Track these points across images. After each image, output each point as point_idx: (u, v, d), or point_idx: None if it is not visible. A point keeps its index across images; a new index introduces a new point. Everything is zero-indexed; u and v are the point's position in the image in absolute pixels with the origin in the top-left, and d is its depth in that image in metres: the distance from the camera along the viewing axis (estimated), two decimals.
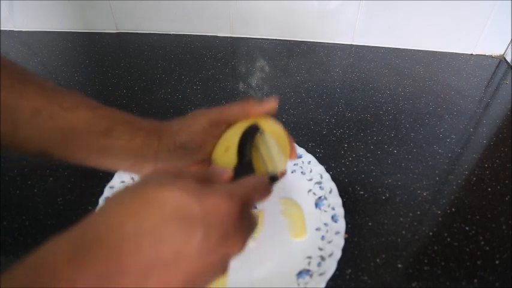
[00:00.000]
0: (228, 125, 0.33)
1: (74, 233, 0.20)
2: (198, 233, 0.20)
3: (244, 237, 0.24)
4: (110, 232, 0.20)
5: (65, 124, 0.30)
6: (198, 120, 0.32)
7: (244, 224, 0.23)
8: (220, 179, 0.26)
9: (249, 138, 0.31)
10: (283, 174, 0.33)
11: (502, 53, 0.80)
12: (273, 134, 0.33)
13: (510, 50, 0.78)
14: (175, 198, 0.21)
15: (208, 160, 0.34)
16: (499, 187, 0.49)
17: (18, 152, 0.30)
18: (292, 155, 0.35)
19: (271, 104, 0.33)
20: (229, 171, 0.26)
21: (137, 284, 0.19)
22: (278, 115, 0.60)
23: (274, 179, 0.31)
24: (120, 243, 0.19)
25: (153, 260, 0.19)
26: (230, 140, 0.32)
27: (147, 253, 0.19)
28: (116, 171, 0.33)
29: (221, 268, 0.23)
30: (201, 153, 0.33)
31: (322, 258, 0.38)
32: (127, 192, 0.22)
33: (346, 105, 0.63)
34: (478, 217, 0.45)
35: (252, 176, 0.27)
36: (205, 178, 0.25)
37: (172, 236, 0.20)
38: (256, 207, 0.44)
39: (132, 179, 0.46)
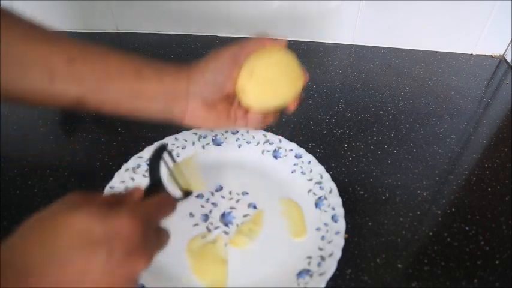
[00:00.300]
0: (248, 55, 0.36)
1: None
2: (100, 254, 0.22)
3: (149, 254, 0.25)
4: (19, 257, 0.22)
5: (99, 68, 0.31)
6: (221, 57, 0.35)
7: (148, 241, 0.25)
8: (131, 199, 0.28)
9: (157, 158, 0.33)
10: (293, 106, 0.38)
11: (502, 53, 0.80)
12: (287, 60, 0.37)
13: (510, 50, 0.78)
14: (80, 223, 0.22)
15: (230, 95, 0.37)
16: (499, 187, 0.49)
17: (54, 104, 0.32)
18: (305, 79, 0.38)
19: (282, 42, 0.37)
20: (140, 191, 0.29)
21: None
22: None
23: (187, 194, 0.34)
24: (27, 268, 0.21)
25: (58, 282, 0.21)
26: (253, 65, 0.36)
27: (53, 277, 0.21)
28: (150, 117, 0.35)
29: (129, 284, 0.24)
30: (228, 85, 0.36)
31: (322, 258, 0.38)
32: (38, 218, 0.24)
33: (346, 105, 0.63)
34: (478, 217, 0.45)
35: (158, 194, 0.29)
36: (115, 201, 0.26)
37: (76, 259, 0.22)
38: (256, 207, 0.44)
39: (132, 179, 0.46)
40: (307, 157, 0.49)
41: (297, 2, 0.75)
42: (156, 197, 0.29)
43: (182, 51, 0.78)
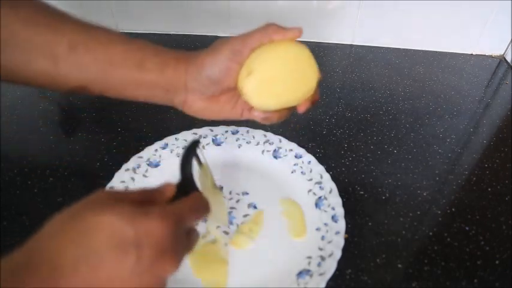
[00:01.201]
0: (252, 50, 0.33)
1: (19, 253, 0.22)
2: (130, 256, 0.22)
3: (179, 256, 0.25)
4: (50, 256, 0.22)
5: (102, 57, 0.31)
6: (221, 50, 0.33)
7: (179, 244, 0.25)
8: (162, 197, 0.27)
9: (189, 155, 0.32)
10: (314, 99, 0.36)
11: (502, 53, 0.80)
12: (296, 55, 0.34)
13: (510, 50, 0.78)
14: (111, 224, 0.22)
15: (234, 88, 0.34)
16: (499, 187, 0.49)
17: (59, 89, 0.33)
18: (318, 77, 0.36)
19: (295, 32, 0.33)
20: (171, 188, 0.28)
21: None
22: None
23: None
24: (59, 267, 0.21)
25: (88, 283, 0.21)
26: (252, 64, 0.33)
27: (83, 277, 0.21)
28: (152, 102, 0.36)
29: (157, 286, 0.24)
30: (227, 81, 0.33)
31: (322, 258, 0.38)
32: (68, 216, 0.23)
33: (346, 105, 0.63)
34: (478, 217, 0.45)
35: (192, 195, 0.28)
36: (146, 199, 0.26)
37: (106, 261, 0.22)
38: (256, 207, 0.44)
39: (132, 179, 0.46)
40: (307, 157, 0.49)
41: (297, 2, 0.75)
42: (189, 198, 0.28)
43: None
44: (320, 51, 0.78)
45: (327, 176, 0.47)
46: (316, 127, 0.58)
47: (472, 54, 0.80)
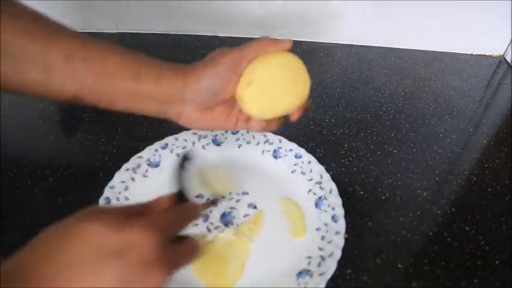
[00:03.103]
0: (249, 62, 0.34)
1: (8, 264, 0.22)
2: (112, 267, 0.22)
3: (168, 267, 0.24)
4: (33, 264, 0.21)
5: (97, 68, 0.31)
6: (220, 61, 0.33)
7: (167, 253, 0.24)
8: (154, 208, 0.27)
9: (182, 167, 0.32)
10: (306, 109, 0.37)
11: (502, 53, 0.80)
12: (291, 66, 0.35)
13: (510, 50, 0.78)
14: (95, 233, 0.22)
15: (229, 99, 0.35)
16: (499, 187, 0.49)
17: (52, 99, 0.33)
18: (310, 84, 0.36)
19: (286, 44, 0.35)
20: (164, 200, 0.28)
21: None
22: None
23: (214, 202, 0.36)
24: (40, 275, 0.21)
25: None
26: (251, 75, 0.34)
27: (64, 286, 0.21)
28: (146, 115, 0.35)
29: None
30: (226, 92, 0.34)
31: (322, 258, 0.38)
32: (55, 227, 0.23)
33: (346, 105, 0.63)
34: (478, 217, 0.45)
35: (182, 203, 0.29)
36: (138, 212, 0.26)
37: (87, 270, 0.21)
38: (256, 207, 0.44)
39: (132, 179, 0.46)
40: (307, 157, 0.49)
41: (297, 2, 0.75)
42: (177, 206, 0.28)
43: (182, 51, 0.78)
44: (320, 51, 0.78)
45: (327, 176, 0.47)
46: (316, 127, 0.58)
47: (472, 54, 0.80)
